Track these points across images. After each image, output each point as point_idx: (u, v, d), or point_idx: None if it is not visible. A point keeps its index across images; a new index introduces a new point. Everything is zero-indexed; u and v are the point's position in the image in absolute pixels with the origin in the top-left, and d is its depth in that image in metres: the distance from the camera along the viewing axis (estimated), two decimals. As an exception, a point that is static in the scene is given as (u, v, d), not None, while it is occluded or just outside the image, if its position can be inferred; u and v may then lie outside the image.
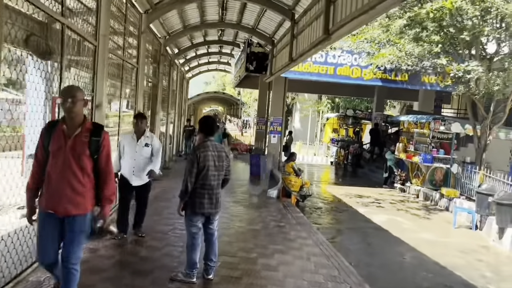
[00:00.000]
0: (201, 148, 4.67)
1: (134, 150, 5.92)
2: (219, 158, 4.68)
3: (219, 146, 4.78)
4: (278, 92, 15.70)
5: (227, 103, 34.94)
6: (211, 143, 4.69)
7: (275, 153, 15.97)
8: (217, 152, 4.68)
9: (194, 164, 4.54)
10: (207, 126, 4.78)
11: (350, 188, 15.56)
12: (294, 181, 11.17)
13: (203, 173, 4.55)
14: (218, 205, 4.75)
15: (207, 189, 4.59)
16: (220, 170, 4.68)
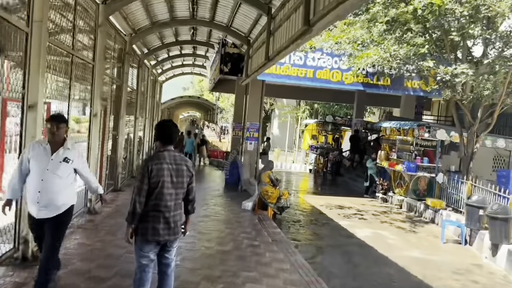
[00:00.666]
0: (154, 159, 3.73)
1: (45, 166, 4.08)
2: (178, 172, 3.75)
3: (180, 158, 3.83)
4: (255, 96, 14.83)
5: (204, 108, 33.89)
6: (169, 154, 3.76)
7: (251, 160, 15.06)
8: (175, 165, 3.75)
9: (144, 179, 3.63)
10: (165, 133, 3.81)
11: (330, 198, 14.75)
12: (271, 192, 10.25)
13: (157, 191, 3.64)
14: (176, 230, 3.80)
15: (163, 211, 3.67)
16: (179, 187, 3.76)
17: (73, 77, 6.51)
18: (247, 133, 15.08)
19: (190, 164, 3.91)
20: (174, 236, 3.78)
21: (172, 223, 3.72)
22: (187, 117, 73.87)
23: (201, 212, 9.31)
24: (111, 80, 9.82)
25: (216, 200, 11.30)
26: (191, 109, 49.61)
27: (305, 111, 34.06)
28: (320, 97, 22.11)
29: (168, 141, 3.80)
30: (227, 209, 10.18)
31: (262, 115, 15.43)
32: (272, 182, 10.31)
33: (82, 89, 7.43)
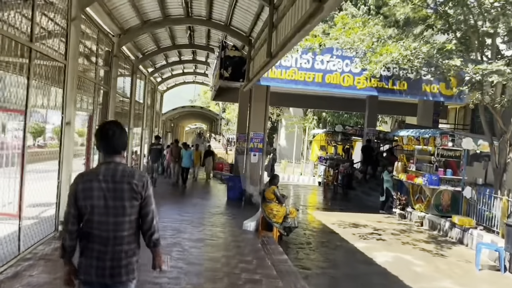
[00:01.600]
0: (83, 176, 2.75)
1: None
2: (116, 193, 2.66)
3: (122, 174, 2.70)
4: (259, 104, 13.65)
5: (208, 119, 32.81)
6: (108, 168, 2.70)
7: (255, 174, 13.81)
8: (112, 184, 2.66)
9: (70, 202, 2.70)
10: (105, 139, 2.73)
11: (343, 214, 13.40)
12: (276, 210, 8.96)
13: (86, 218, 2.69)
14: (117, 272, 2.68)
15: (97, 243, 2.67)
16: (119, 214, 2.67)
17: (31, 75, 5.32)
18: (250, 143, 13.85)
19: (141, 180, 2.73)
20: (112, 280, 2.67)
21: (108, 261, 2.65)
22: (193, 129, 72.83)
23: (194, 235, 8.04)
24: (95, 85, 8.66)
25: (215, 219, 10.02)
26: (195, 121, 48.62)
27: (312, 121, 32.86)
28: (328, 105, 20.84)
29: (110, 150, 2.71)
30: (227, 230, 8.90)
31: (267, 124, 14.21)
32: (278, 198, 9.02)
33: (47, 91, 6.24)
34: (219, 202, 13.24)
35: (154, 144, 14.72)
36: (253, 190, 13.71)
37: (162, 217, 9.40)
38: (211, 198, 14.05)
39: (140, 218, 2.74)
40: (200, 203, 12.44)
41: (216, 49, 14.10)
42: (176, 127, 38.92)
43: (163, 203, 11.48)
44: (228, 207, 12.40)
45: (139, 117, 15.68)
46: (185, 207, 11.49)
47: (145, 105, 16.09)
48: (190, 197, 13.65)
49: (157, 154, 14.47)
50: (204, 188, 16.49)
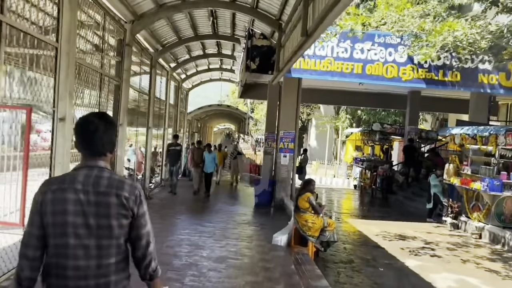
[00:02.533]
0: (53, 183, 2.05)
1: None
2: (100, 208, 1.99)
3: (109, 183, 2.02)
4: (290, 99, 12.30)
5: (236, 119, 31.66)
6: (88, 174, 2.03)
7: (286, 177, 12.45)
8: (95, 196, 1.99)
9: (31, 219, 2.01)
10: (83, 136, 2.08)
11: (385, 223, 11.85)
12: (312, 222, 7.58)
13: (56, 242, 1.98)
14: None
15: (72, 278, 1.96)
16: (105, 236, 2.00)
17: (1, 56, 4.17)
18: (280, 143, 12.52)
19: (133, 193, 2.05)
20: None
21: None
22: (222, 130, 71.90)
23: (215, 252, 6.76)
24: (101, 76, 7.53)
25: (240, 231, 8.72)
26: (223, 121, 47.62)
27: (345, 120, 31.21)
28: (364, 102, 19.19)
29: (93, 151, 2.06)
30: (253, 245, 7.57)
31: (298, 122, 12.82)
32: (313, 208, 7.63)
33: (32, 79, 5.09)
34: (246, 208, 11.95)
35: (172, 144, 13.11)
36: (284, 195, 12.38)
37: (178, 229, 8.18)
38: (236, 204, 12.77)
39: (130, 242, 2.08)
40: (224, 209, 11.18)
41: (242, 39, 12.84)
42: (204, 127, 37.99)
43: (181, 211, 10.30)
44: (255, 215, 11.10)
45: (160, 116, 14.61)
46: (207, 215, 10.26)
47: (167, 103, 15.01)
48: (213, 203, 12.41)
49: (175, 156, 12.94)
50: (229, 192, 15.22)
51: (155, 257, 2.14)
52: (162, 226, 8.36)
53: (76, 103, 6.58)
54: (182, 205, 11.21)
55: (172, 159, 12.76)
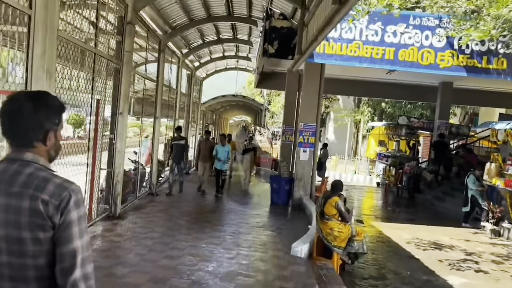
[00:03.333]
0: None
1: None
2: (10, 214, 1.47)
3: (32, 180, 1.50)
4: (311, 88, 11.11)
5: (252, 111, 30.55)
6: (6, 168, 1.53)
7: (306, 174, 11.32)
8: (6, 198, 1.48)
9: None
10: (7, 120, 1.54)
11: (415, 227, 10.64)
12: (338, 230, 6.44)
13: None
14: None
15: None
16: (15, 252, 1.47)
17: None
18: (300, 137, 11.37)
19: (59, 197, 1.49)
20: None
21: None
22: (239, 122, 70.80)
23: (223, 265, 5.69)
24: (94, 56, 6.48)
25: (254, 237, 7.62)
26: (239, 113, 46.61)
27: (367, 113, 29.83)
28: (390, 93, 17.80)
29: (15, 139, 1.57)
30: (269, 257, 6.47)
31: (320, 113, 11.64)
32: (341, 215, 6.49)
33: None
34: (261, 208, 10.85)
35: (175, 138, 11.30)
36: (302, 194, 11.26)
37: (183, 233, 7.13)
38: (250, 203, 11.65)
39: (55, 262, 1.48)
40: (236, 210, 10.11)
41: (259, 22, 11.68)
42: (219, 119, 37.00)
43: (189, 212, 9.24)
44: (271, 216, 10.01)
45: (171, 106, 13.59)
46: (216, 218, 9.19)
47: (178, 92, 13.97)
48: (224, 201, 11.34)
49: (179, 151, 11.11)
50: (242, 189, 14.08)
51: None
52: (164, 230, 7.33)
53: (62, 87, 5.57)
54: (190, 204, 10.17)
55: (176, 155, 10.98)
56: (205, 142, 12.07)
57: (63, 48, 5.39)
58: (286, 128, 15.75)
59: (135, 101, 10.49)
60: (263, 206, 11.18)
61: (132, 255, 5.73)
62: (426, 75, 14.64)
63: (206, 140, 12.27)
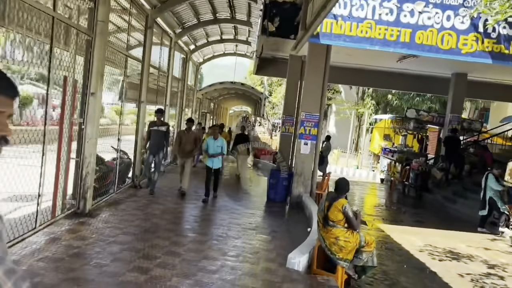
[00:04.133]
0: None
1: None
2: None
3: None
4: (316, 73, 9.98)
5: (251, 100, 29.35)
6: None
7: (306, 169, 10.23)
8: None
9: None
10: None
11: (426, 231, 9.56)
12: (344, 240, 5.34)
13: None
14: None
15: None
16: None
17: None
18: (301, 128, 10.25)
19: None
20: None
21: None
22: (239, 113, 69.35)
23: (203, 281, 4.58)
24: (54, 21, 5.31)
25: (244, 242, 6.51)
26: (238, 103, 45.39)
27: (370, 106, 28.66)
28: (399, 84, 16.67)
29: None
30: (260, 270, 5.36)
31: (324, 102, 10.50)
32: (349, 221, 5.39)
33: None
34: (255, 205, 9.76)
35: (154, 123, 9.13)
36: (302, 191, 10.16)
37: (160, 236, 6.02)
38: (244, 200, 10.52)
39: None
40: (227, 207, 9.01)
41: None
42: (218, 108, 35.85)
43: (170, 210, 8.10)
44: (266, 215, 8.92)
45: (161, 91, 12.45)
46: (203, 217, 8.10)
47: (170, 75, 12.80)
48: (216, 197, 10.29)
49: (158, 140, 9.09)
50: (236, 183, 12.97)
51: None
52: (138, 232, 6.23)
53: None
54: (176, 200, 9.05)
55: (153, 145, 9.04)
56: (187, 133, 9.54)
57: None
58: (287, 118, 14.64)
59: (128, 85, 9.31)
60: (259, 203, 10.08)
61: (90, 266, 4.63)
62: (439, 65, 13.49)
63: (187, 131, 9.60)
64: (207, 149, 9.16)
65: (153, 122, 9.29)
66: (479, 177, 13.31)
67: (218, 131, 9.79)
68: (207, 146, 9.19)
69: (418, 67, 14.19)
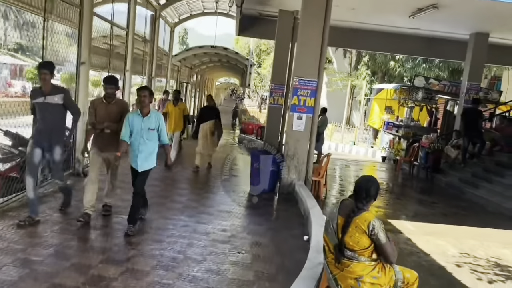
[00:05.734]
0: None
1: None
2: None
3: None
4: (312, 27, 7.65)
5: (238, 70, 26.71)
6: None
7: (300, 149, 8.01)
8: None
9: None
10: None
11: (455, 230, 7.49)
12: (371, 281, 3.12)
13: None
14: None
15: None
16: None
17: None
18: (293, 98, 7.96)
19: None
20: None
21: None
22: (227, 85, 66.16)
23: None
24: None
25: (208, 271, 4.24)
26: (225, 74, 42.63)
27: (365, 77, 26.38)
28: (407, 47, 14.31)
29: None
30: None
31: (324, 64, 8.13)
32: (380, 248, 3.15)
33: None
34: (234, 199, 7.45)
35: (41, 92, 4.90)
36: (295, 178, 7.97)
37: (89, 256, 3.66)
38: (219, 191, 8.15)
39: None
40: (193, 203, 6.74)
41: None
42: (203, 79, 33.12)
43: (118, 206, 5.71)
44: (247, 215, 6.67)
45: (118, 54, 9.95)
46: (161, 218, 5.77)
47: (129, 33, 10.25)
48: (177, 187, 7.98)
49: (52, 121, 5.00)
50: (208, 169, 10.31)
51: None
52: (61, 245, 3.92)
53: None
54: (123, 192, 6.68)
55: (42, 131, 4.98)
56: (105, 105, 5.33)
57: None
58: (275, 87, 12.34)
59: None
60: (239, 195, 7.81)
61: None
62: (457, 22, 11.24)
63: (106, 100, 5.34)
64: (130, 132, 5.00)
65: (36, 90, 5.05)
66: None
67: (149, 99, 5.08)
68: (129, 125, 4.99)
69: (432, 25, 11.90)
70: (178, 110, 9.83)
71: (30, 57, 27.52)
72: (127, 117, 5.05)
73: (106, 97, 5.33)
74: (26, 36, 3.79)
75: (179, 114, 9.82)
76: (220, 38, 31.99)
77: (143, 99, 4.99)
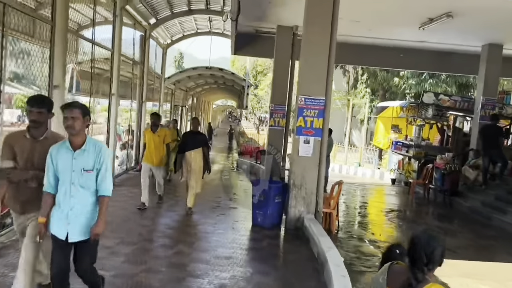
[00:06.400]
0: None
1: None
2: None
3: None
4: (318, 38, 6.76)
5: (234, 92, 25.94)
6: None
7: (308, 178, 7.00)
8: None
9: None
10: None
11: (496, 268, 6.39)
12: None
13: None
14: None
15: None
16: None
17: None
18: (299, 119, 6.98)
19: None
20: None
21: None
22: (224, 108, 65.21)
23: None
24: None
25: None
26: (222, 96, 41.96)
27: (364, 95, 25.65)
28: (413, 63, 13.48)
29: None
30: None
31: (331, 81, 7.18)
32: None
33: None
34: (234, 239, 6.35)
35: None
36: (303, 210, 6.91)
37: None
38: (218, 227, 7.07)
39: None
40: (183, 246, 5.65)
41: None
42: (199, 102, 32.31)
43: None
44: (249, 260, 5.54)
45: (102, 76, 9.03)
46: (142, 273, 4.67)
47: (115, 54, 9.35)
48: (164, 223, 6.91)
49: None
50: (207, 194, 9.44)
51: None
52: None
53: None
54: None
55: None
56: (29, 142, 3.36)
57: None
58: (276, 108, 11.41)
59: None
60: (240, 232, 6.72)
61: None
62: (469, 33, 10.45)
63: (31, 134, 3.36)
64: (52, 179, 3.19)
65: None
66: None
67: (82, 122, 3.16)
68: (51, 169, 3.17)
69: (442, 37, 11.09)
70: (157, 139, 7.51)
71: None
72: (49, 152, 3.15)
73: (31, 128, 3.33)
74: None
75: (159, 143, 7.52)
76: (215, 61, 31.50)
77: (71, 122, 3.07)
